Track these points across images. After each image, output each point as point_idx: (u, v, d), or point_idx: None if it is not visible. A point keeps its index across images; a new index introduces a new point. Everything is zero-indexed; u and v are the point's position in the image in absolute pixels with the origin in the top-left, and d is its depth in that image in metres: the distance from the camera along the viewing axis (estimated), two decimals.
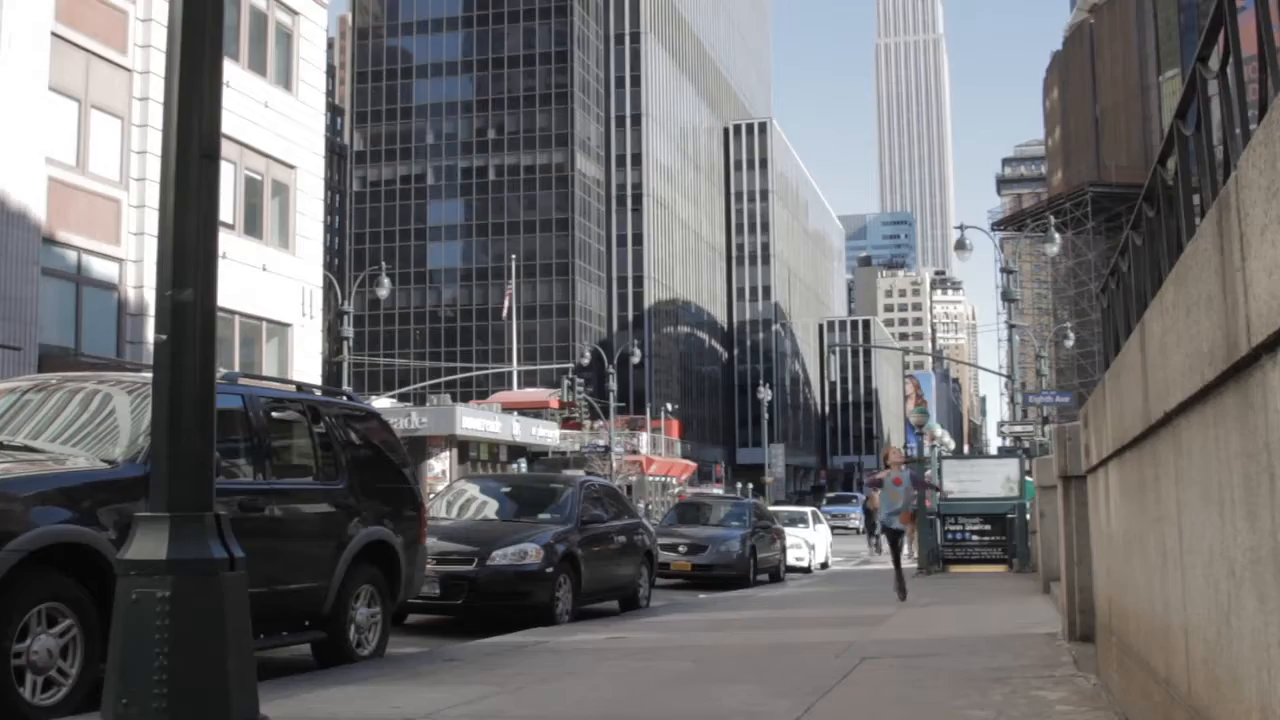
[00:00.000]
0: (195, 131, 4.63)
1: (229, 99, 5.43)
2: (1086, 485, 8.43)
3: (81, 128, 25.64)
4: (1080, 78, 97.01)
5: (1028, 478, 24.17)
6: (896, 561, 17.63)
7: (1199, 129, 4.05)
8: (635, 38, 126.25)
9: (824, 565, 33.15)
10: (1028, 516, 23.40)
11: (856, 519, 59.41)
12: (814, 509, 38.27)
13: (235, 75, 27.78)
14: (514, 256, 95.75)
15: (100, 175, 26.15)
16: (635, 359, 76.60)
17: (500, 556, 13.59)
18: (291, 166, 31.97)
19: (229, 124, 23.60)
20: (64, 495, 7.10)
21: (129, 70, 26.76)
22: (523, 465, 61.88)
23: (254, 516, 8.56)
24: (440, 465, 55.90)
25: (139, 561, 4.33)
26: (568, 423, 73.53)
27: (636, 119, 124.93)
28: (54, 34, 24.61)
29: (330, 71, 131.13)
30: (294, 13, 32.28)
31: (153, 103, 26.16)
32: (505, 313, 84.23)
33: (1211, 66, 3.69)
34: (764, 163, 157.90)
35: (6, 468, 7.13)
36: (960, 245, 40.74)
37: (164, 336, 4.52)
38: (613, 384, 69.83)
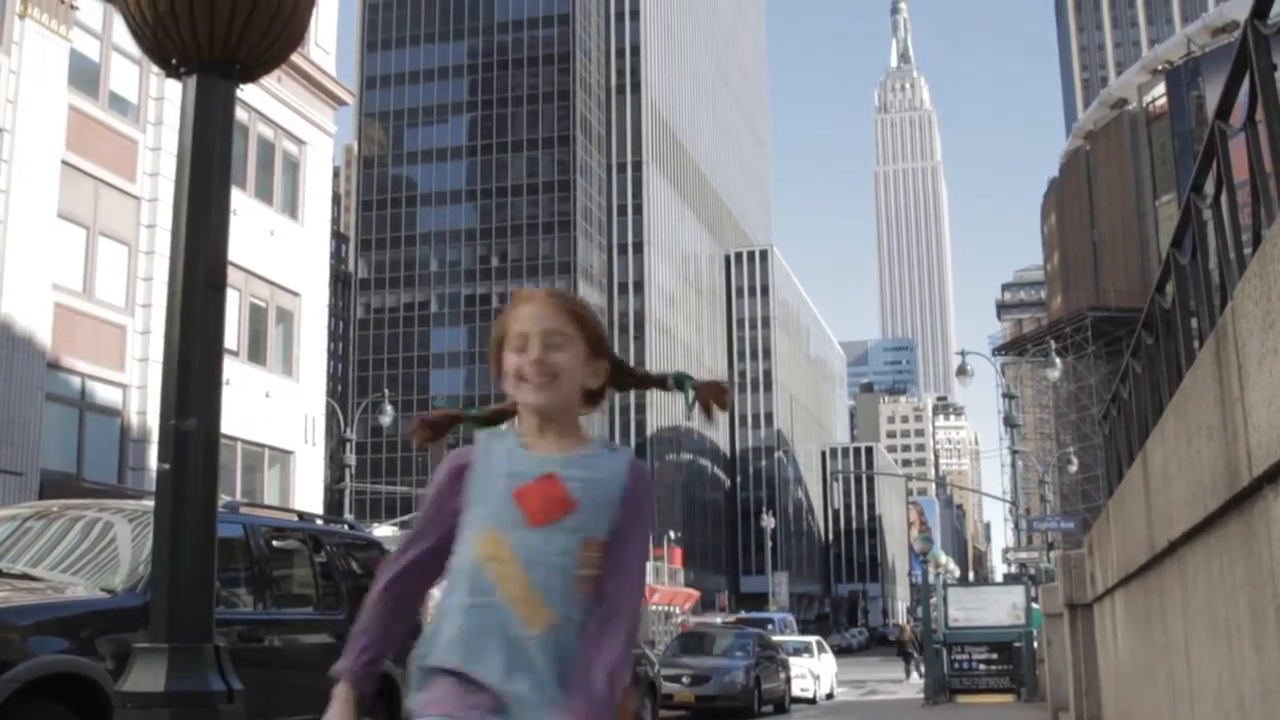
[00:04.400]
0: (202, 261, 4.67)
1: (235, 227, 5.50)
2: (1093, 613, 8.37)
3: (89, 254, 25.86)
4: (1077, 203, 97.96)
5: (1034, 605, 23.98)
6: None
7: (1195, 257, 4.09)
8: (637, 166, 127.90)
9: (829, 695, 32.75)
10: (1035, 644, 23.17)
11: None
12: (818, 638, 37.87)
13: (242, 203, 28.09)
14: None
15: (106, 301, 26.32)
16: None
17: None
18: (296, 293, 32.17)
19: (235, 251, 23.75)
20: (62, 624, 7.05)
21: (137, 198, 27.07)
22: None
23: (253, 647, 8.48)
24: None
25: (137, 694, 4.28)
26: None
27: (639, 246, 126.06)
28: (64, 162, 24.95)
29: (335, 199, 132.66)
30: (301, 142, 32.73)
31: (160, 230, 26.41)
32: None
33: (1206, 193, 3.75)
34: (765, 289, 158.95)
35: (5, 596, 7.09)
36: (962, 371, 40.85)
37: (166, 466, 4.52)
38: None
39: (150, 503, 5.57)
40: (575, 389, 2.75)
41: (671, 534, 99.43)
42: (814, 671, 31.54)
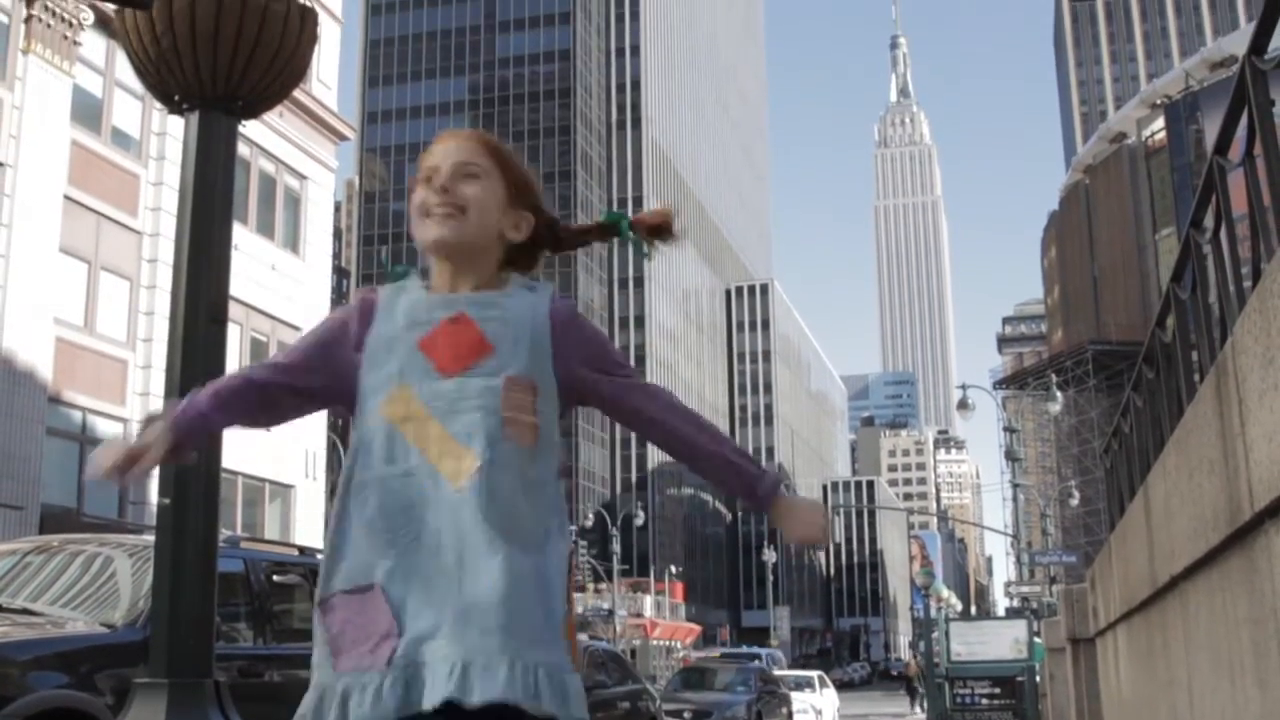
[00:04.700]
0: (203, 296, 4.69)
1: (236, 261, 5.51)
2: (1095, 648, 8.34)
3: (91, 288, 25.89)
4: (1077, 237, 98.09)
5: (1036, 639, 23.89)
6: None
7: (1194, 291, 4.10)
8: (638, 201, 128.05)
9: None
10: (1037, 679, 23.09)
11: None
12: (820, 673, 37.71)
13: (243, 238, 28.14)
14: None
15: (108, 336, 26.33)
16: (639, 521, 76.16)
17: None
18: (297, 328, 32.15)
19: (236, 286, 23.80)
20: (61, 659, 7.01)
21: (139, 233, 27.11)
22: None
23: (253, 682, 8.44)
24: None
25: None
26: None
27: (639, 281, 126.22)
28: (66, 197, 25.00)
29: (337, 234, 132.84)
30: (302, 177, 32.80)
31: (162, 264, 26.44)
32: None
33: (1206, 227, 3.76)
34: (765, 324, 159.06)
35: (5, 631, 7.06)
36: (963, 405, 40.82)
37: (167, 500, 4.51)
38: (616, 546, 69.33)
39: (151, 537, 5.56)
40: (489, 229, 2.46)
41: (673, 568, 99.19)
42: (816, 706, 31.40)
